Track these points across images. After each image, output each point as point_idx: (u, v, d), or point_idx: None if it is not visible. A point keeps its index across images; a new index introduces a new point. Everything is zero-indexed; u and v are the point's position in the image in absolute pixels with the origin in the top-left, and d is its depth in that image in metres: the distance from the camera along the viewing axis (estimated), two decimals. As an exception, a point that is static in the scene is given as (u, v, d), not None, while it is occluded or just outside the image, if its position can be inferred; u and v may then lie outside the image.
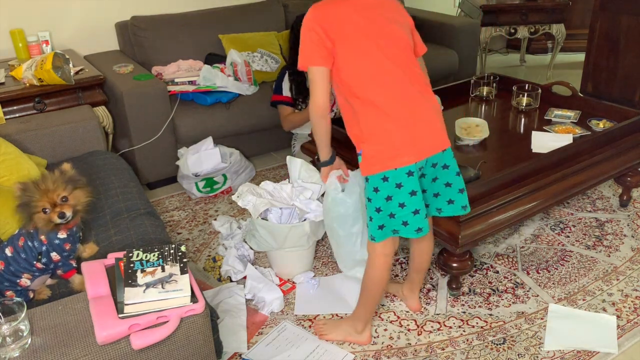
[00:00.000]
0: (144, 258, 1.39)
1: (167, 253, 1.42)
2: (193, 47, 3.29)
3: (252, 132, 3.14)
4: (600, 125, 2.46)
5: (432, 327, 1.99)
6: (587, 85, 4.00)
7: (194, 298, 1.33)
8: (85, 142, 2.39)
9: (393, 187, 1.60)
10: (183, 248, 1.45)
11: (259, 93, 3.11)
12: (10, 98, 2.51)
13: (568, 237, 2.47)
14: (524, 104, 2.71)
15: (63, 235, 1.53)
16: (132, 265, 1.37)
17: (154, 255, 1.40)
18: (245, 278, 2.19)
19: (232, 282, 2.21)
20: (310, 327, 1.99)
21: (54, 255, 1.53)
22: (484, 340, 1.92)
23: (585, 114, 2.57)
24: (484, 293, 2.14)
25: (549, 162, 2.15)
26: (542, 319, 2.00)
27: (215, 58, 3.27)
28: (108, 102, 2.81)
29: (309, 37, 1.63)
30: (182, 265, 1.38)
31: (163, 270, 1.36)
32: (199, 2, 3.49)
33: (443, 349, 1.89)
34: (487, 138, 2.38)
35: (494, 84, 2.88)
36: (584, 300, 2.08)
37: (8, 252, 1.53)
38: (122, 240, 1.78)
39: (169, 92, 2.91)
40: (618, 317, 1.99)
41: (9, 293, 1.52)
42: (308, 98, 2.30)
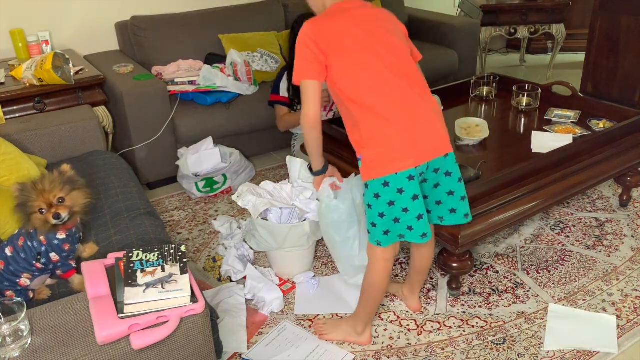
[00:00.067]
0: (144, 258, 1.39)
1: (167, 253, 1.42)
2: (193, 47, 3.29)
3: (252, 132, 3.14)
4: (600, 125, 2.46)
5: (432, 327, 1.99)
6: (587, 85, 4.00)
7: (194, 298, 1.33)
8: (85, 142, 2.39)
9: (394, 192, 1.60)
10: (183, 248, 1.45)
11: (259, 93, 3.11)
12: (10, 98, 2.51)
13: (568, 237, 2.47)
14: (524, 104, 2.71)
15: (62, 236, 1.53)
16: (132, 265, 1.37)
17: (154, 255, 1.41)
18: (245, 278, 2.19)
19: (232, 282, 2.21)
20: (310, 327, 2.00)
21: (53, 256, 1.53)
22: (484, 340, 1.92)
23: (585, 114, 2.57)
24: (484, 293, 2.14)
25: (549, 162, 2.15)
26: (542, 319, 2.00)
27: (215, 58, 3.27)
28: (108, 102, 2.81)
29: (303, 53, 1.66)
30: (182, 265, 1.38)
31: (163, 270, 1.36)
32: (199, 2, 3.49)
33: (443, 349, 1.89)
34: (487, 138, 2.38)
35: (494, 84, 2.88)
36: (584, 300, 2.08)
37: (8, 251, 1.53)
38: (122, 240, 1.78)
39: (169, 92, 2.91)
40: (618, 317, 1.99)
41: (9, 293, 1.52)
42: None
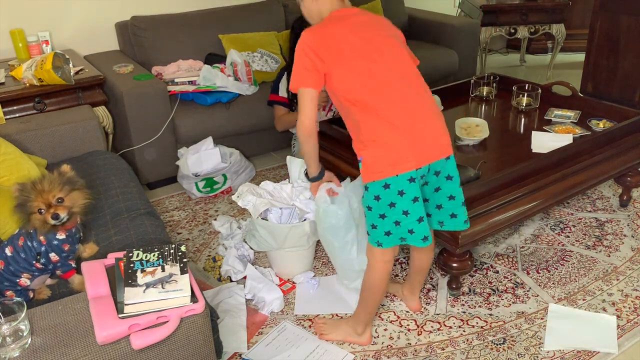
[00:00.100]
0: (144, 258, 1.39)
1: (167, 253, 1.42)
2: (193, 47, 3.29)
3: (252, 132, 3.14)
4: (600, 125, 2.46)
5: (432, 327, 1.99)
6: (587, 85, 4.00)
7: (194, 298, 1.33)
8: (85, 142, 2.39)
9: (395, 194, 1.59)
10: (183, 248, 1.45)
11: (259, 93, 3.11)
12: (10, 98, 2.51)
13: (568, 237, 2.47)
14: (524, 104, 2.71)
15: (62, 236, 1.53)
16: (132, 265, 1.37)
17: (154, 255, 1.40)
18: (245, 278, 2.19)
19: (232, 282, 2.21)
20: (310, 327, 2.00)
21: (53, 256, 1.53)
22: (484, 340, 1.92)
23: (585, 114, 2.57)
24: (484, 293, 2.14)
25: (549, 162, 2.15)
26: (542, 319, 2.00)
27: (215, 58, 3.27)
28: (108, 102, 2.81)
29: (302, 61, 1.66)
30: (182, 265, 1.38)
31: (163, 270, 1.36)
32: (199, 2, 3.49)
33: (443, 349, 1.89)
34: (487, 138, 2.38)
35: (494, 84, 2.88)
36: (584, 300, 2.08)
37: (8, 251, 1.53)
38: (122, 240, 1.78)
39: (169, 92, 2.91)
40: (618, 317, 1.99)
41: (9, 293, 1.52)
42: None
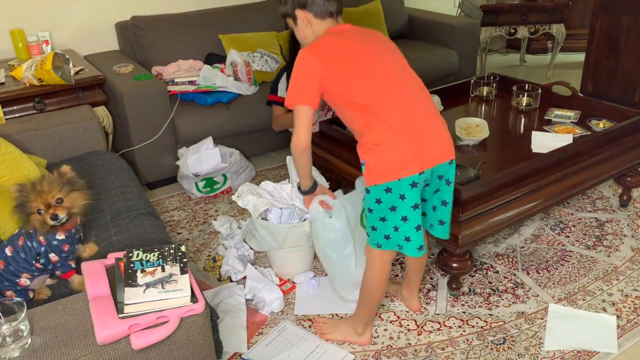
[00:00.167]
0: (144, 258, 1.39)
1: (167, 253, 1.42)
2: (193, 47, 3.29)
3: (252, 132, 3.14)
4: (600, 125, 2.46)
5: (432, 327, 1.99)
6: (587, 85, 4.00)
7: (194, 298, 1.33)
8: (85, 142, 2.39)
9: (397, 197, 1.60)
10: (183, 248, 1.45)
11: (259, 93, 3.11)
12: (10, 98, 2.51)
13: (568, 237, 2.47)
14: (524, 104, 2.71)
15: (61, 237, 1.53)
16: (132, 265, 1.37)
17: (154, 255, 1.40)
18: (245, 278, 2.19)
19: (232, 282, 2.21)
20: (310, 327, 2.00)
21: (53, 256, 1.53)
22: (484, 340, 1.92)
23: (585, 114, 2.57)
24: (484, 293, 2.14)
25: (549, 162, 2.15)
26: (542, 319, 2.00)
27: (215, 58, 3.27)
28: (108, 102, 2.81)
29: (300, 78, 1.66)
30: (182, 265, 1.38)
31: (163, 270, 1.36)
32: (199, 2, 3.49)
33: (443, 349, 1.89)
34: (487, 138, 2.38)
35: (494, 84, 2.88)
36: (584, 300, 2.08)
37: (8, 251, 1.53)
38: (122, 240, 1.78)
39: (169, 92, 2.91)
40: (618, 317, 1.99)
41: (9, 293, 1.52)
42: None
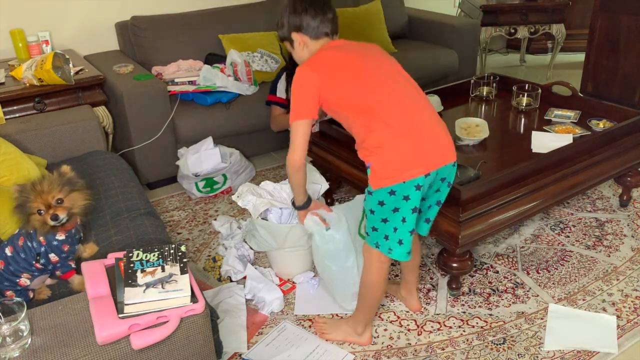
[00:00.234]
0: (144, 258, 1.39)
1: (167, 253, 1.42)
2: (193, 47, 3.29)
3: (252, 132, 3.14)
4: (600, 125, 2.46)
5: (432, 327, 1.99)
6: (587, 85, 4.00)
7: (194, 298, 1.33)
8: (85, 142, 2.39)
9: (400, 199, 1.61)
10: (183, 248, 1.45)
11: (259, 93, 3.11)
12: (10, 98, 2.51)
13: (568, 237, 2.47)
14: (524, 104, 2.71)
15: (61, 237, 1.53)
16: (132, 265, 1.37)
17: (154, 255, 1.40)
18: (245, 278, 2.19)
19: (232, 282, 2.21)
20: (310, 327, 2.00)
21: (53, 257, 1.53)
22: (484, 340, 1.92)
23: (585, 114, 2.57)
24: (484, 293, 2.14)
25: (549, 162, 2.15)
26: (542, 319, 2.00)
27: (215, 58, 3.27)
28: (108, 102, 2.81)
29: (300, 94, 1.67)
30: (182, 265, 1.38)
31: (163, 270, 1.36)
32: (199, 2, 3.49)
33: (443, 349, 1.89)
34: (487, 138, 2.38)
35: (494, 84, 2.88)
36: (584, 300, 2.08)
37: (8, 251, 1.53)
38: (122, 240, 1.78)
39: (169, 92, 2.91)
40: (618, 317, 1.99)
41: (9, 293, 1.52)
42: None
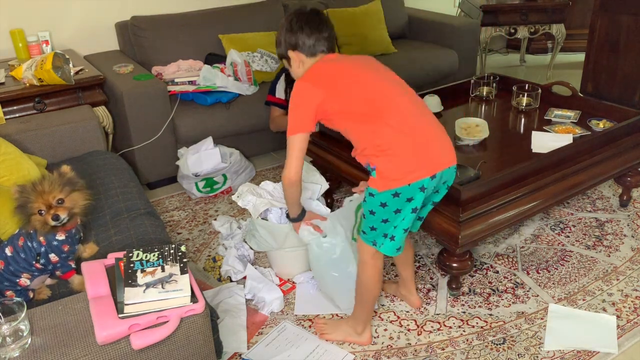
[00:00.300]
0: (144, 258, 1.39)
1: (167, 253, 1.42)
2: (193, 47, 3.29)
3: (252, 132, 3.14)
4: (600, 125, 2.46)
5: (432, 327, 1.99)
6: (587, 85, 4.00)
7: (194, 298, 1.33)
8: (85, 142, 2.39)
9: (403, 201, 1.62)
10: (183, 248, 1.45)
11: (259, 93, 3.11)
12: (10, 98, 2.51)
13: (568, 237, 2.47)
14: (524, 104, 2.71)
15: (61, 237, 1.53)
16: (132, 265, 1.37)
17: (154, 255, 1.40)
18: (245, 278, 2.19)
19: (232, 282, 2.21)
20: (310, 327, 2.00)
21: (53, 257, 1.53)
22: (484, 340, 1.92)
23: (585, 114, 2.57)
24: (484, 293, 2.14)
25: (549, 162, 2.15)
26: (542, 319, 2.00)
27: (215, 58, 3.27)
28: (108, 102, 2.81)
29: (298, 107, 1.68)
30: (182, 265, 1.38)
31: (163, 270, 1.36)
32: (199, 2, 3.49)
33: (443, 349, 1.89)
34: (487, 138, 2.38)
35: (494, 84, 2.88)
36: (584, 300, 2.08)
37: (8, 251, 1.53)
38: (122, 240, 1.78)
39: (169, 92, 2.91)
40: (618, 317, 1.99)
41: (9, 293, 1.52)
42: None
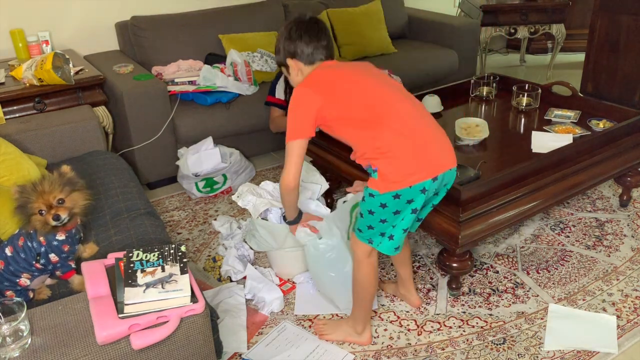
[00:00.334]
0: (144, 258, 1.39)
1: (167, 253, 1.42)
2: (193, 47, 3.29)
3: (252, 132, 3.14)
4: (600, 125, 2.46)
5: (432, 327, 1.99)
6: (587, 85, 4.00)
7: (194, 298, 1.33)
8: (85, 142, 2.39)
9: (404, 203, 1.62)
10: (183, 248, 1.45)
11: (259, 93, 3.11)
12: (10, 98, 2.51)
13: (568, 237, 2.47)
14: (524, 104, 2.71)
15: (62, 237, 1.53)
16: (132, 265, 1.37)
17: (154, 255, 1.40)
18: (245, 278, 2.19)
19: (232, 282, 2.21)
20: (310, 327, 2.00)
21: (53, 257, 1.53)
22: (484, 340, 1.92)
23: (585, 114, 2.57)
24: (484, 293, 2.14)
25: (549, 162, 2.15)
26: (542, 319, 2.00)
27: (215, 58, 3.27)
28: (108, 102, 2.81)
29: (297, 113, 1.68)
30: (182, 265, 1.38)
31: (163, 270, 1.36)
32: (199, 2, 3.49)
33: (443, 349, 1.89)
34: (487, 138, 2.38)
35: (494, 84, 2.88)
36: (584, 300, 2.08)
37: (8, 251, 1.53)
38: (122, 240, 1.78)
39: (169, 92, 2.91)
40: (618, 317, 1.99)
41: (9, 293, 1.52)
42: None
